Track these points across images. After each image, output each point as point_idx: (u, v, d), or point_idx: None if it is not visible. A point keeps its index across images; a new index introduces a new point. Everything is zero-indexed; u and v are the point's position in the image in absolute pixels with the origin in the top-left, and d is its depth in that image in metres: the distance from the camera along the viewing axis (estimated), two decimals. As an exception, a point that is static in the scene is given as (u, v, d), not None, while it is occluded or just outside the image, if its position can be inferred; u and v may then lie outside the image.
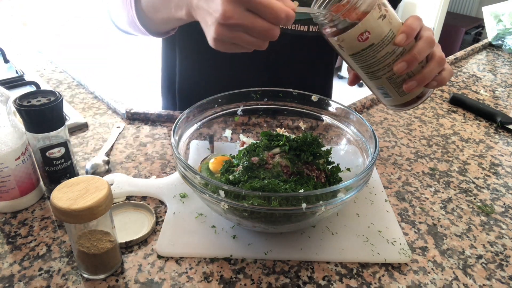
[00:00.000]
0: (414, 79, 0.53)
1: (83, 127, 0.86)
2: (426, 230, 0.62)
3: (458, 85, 1.19)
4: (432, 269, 0.56)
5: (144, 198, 0.66)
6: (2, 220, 0.60)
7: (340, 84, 3.53)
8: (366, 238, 0.59)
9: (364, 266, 0.55)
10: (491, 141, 0.89)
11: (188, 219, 0.61)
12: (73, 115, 0.88)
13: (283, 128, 0.73)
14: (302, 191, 0.53)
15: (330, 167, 0.65)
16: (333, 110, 0.70)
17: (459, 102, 1.05)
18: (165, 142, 0.82)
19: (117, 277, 0.52)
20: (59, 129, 0.60)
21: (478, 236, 0.62)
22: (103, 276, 0.52)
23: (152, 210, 0.62)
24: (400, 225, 0.63)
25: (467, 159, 0.82)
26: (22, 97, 0.57)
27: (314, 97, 0.70)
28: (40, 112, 0.56)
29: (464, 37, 3.52)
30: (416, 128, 0.93)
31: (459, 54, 1.40)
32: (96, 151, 0.78)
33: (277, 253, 0.56)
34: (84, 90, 1.03)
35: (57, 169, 0.62)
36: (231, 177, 0.58)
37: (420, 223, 0.64)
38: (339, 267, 0.55)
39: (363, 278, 0.53)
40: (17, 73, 1.08)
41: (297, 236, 0.59)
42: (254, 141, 0.66)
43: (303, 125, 0.74)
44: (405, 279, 0.54)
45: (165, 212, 0.63)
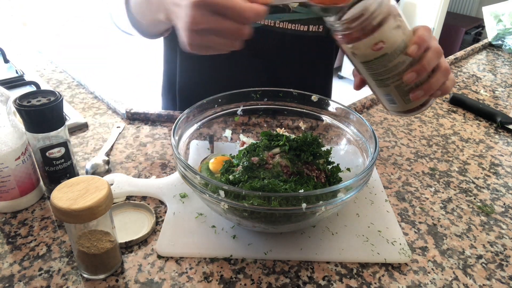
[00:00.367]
0: (421, 88, 0.53)
1: (83, 127, 0.86)
2: (426, 230, 0.62)
3: (458, 85, 1.19)
4: (432, 269, 0.56)
5: (144, 198, 0.66)
6: (2, 220, 0.60)
7: (340, 84, 3.53)
8: (366, 238, 0.59)
9: (364, 266, 0.55)
10: (491, 141, 0.89)
11: (188, 219, 0.61)
12: (73, 115, 0.88)
13: (283, 128, 0.74)
14: (302, 191, 0.53)
15: (330, 167, 0.65)
16: (333, 110, 0.70)
17: (459, 102, 1.05)
18: (165, 142, 0.82)
19: (117, 277, 0.52)
20: (59, 129, 0.60)
21: (478, 236, 0.62)
22: (103, 276, 0.52)
23: (152, 210, 0.62)
24: (400, 225, 0.63)
25: (467, 159, 0.82)
26: (22, 97, 0.58)
27: (314, 97, 0.70)
28: (40, 112, 0.56)
29: (464, 37, 3.52)
30: (416, 128, 0.93)
31: (459, 54, 1.40)
32: (96, 151, 0.78)
33: (277, 253, 0.56)
34: (84, 90, 1.03)
35: (57, 169, 0.62)
36: (231, 177, 0.58)
37: (420, 223, 0.64)
38: (339, 267, 0.55)
39: (363, 278, 0.53)
40: (17, 73, 1.08)
41: (297, 236, 0.59)
42: (254, 141, 0.66)
43: (303, 125, 0.74)
44: (405, 279, 0.54)
45: (165, 212, 0.63)
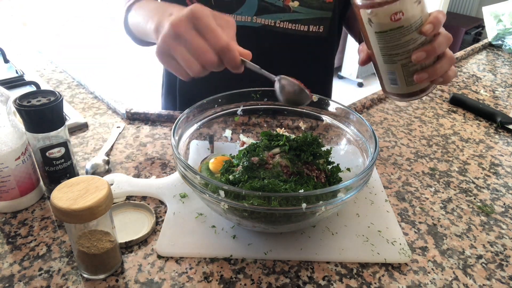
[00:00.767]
0: (426, 71, 0.54)
1: (83, 127, 0.86)
2: (426, 230, 0.62)
3: (458, 85, 1.19)
4: (432, 269, 0.56)
5: (144, 198, 0.66)
6: (2, 220, 0.60)
7: (340, 84, 3.53)
8: (366, 238, 0.59)
9: (364, 266, 0.55)
10: (491, 141, 0.89)
11: (188, 219, 0.61)
12: (73, 115, 0.88)
13: (283, 128, 0.74)
14: (302, 191, 0.53)
15: (330, 167, 0.65)
16: (333, 110, 0.70)
17: (459, 102, 1.05)
18: (165, 142, 0.82)
19: (117, 277, 0.52)
20: (59, 129, 0.60)
21: (478, 236, 0.62)
22: (103, 276, 0.52)
23: (152, 210, 0.62)
24: (400, 225, 0.63)
25: (467, 159, 0.82)
26: (22, 97, 0.58)
27: (314, 97, 0.70)
28: (40, 112, 0.56)
29: (464, 37, 3.52)
30: (416, 128, 0.93)
31: (459, 54, 1.40)
32: (96, 151, 0.78)
33: (277, 253, 0.56)
34: (84, 90, 1.03)
35: (57, 169, 0.62)
36: (231, 177, 0.58)
37: (420, 223, 0.64)
38: (339, 267, 0.55)
39: (363, 278, 0.53)
40: (17, 73, 1.08)
41: (297, 236, 0.59)
42: (254, 141, 0.66)
43: (303, 125, 0.74)
44: (405, 279, 0.54)
45: (165, 212, 0.63)
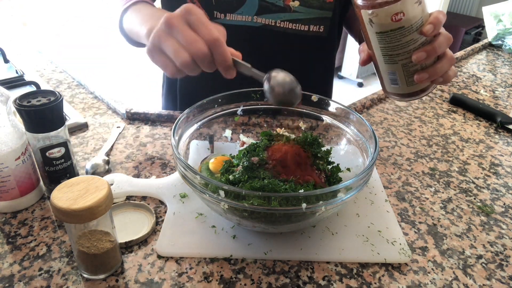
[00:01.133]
0: (427, 71, 0.54)
1: (83, 127, 0.86)
2: (426, 230, 0.62)
3: (458, 85, 1.19)
4: (432, 269, 0.56)
5: (144, 198, 0.66)
6: (2, 220, 0.60)
7: (340, 84, 3.53)
8: (366, 238, 0.59)
9: (364, 266, 0.55)
10: (491, 141, 0.89)
11: (188, 219, 0.61)
12: (73, 115, 0.88)
13: (283, 128, 0.73)
14: (302, 191, 0.53)
15: (330, 167, 0.65)
16: (333, 110, 0.70)
17: (459, 102, 1.05)
18: (165, 142, 0.82)
19: (117, 277, 0.52)
20: (59, 129, 0.60)
21: (478, 236, 0.62)
22: (103, 276, 0.52)
23: (152, 210, 0.62)
24: (400, 225, 0.63)
25: (467, 159, 0.82)
26: (22, 97, 0.57)
27: (314, 97, 0.70)
28: (40, 112, 0.56)
29: (464, 37, 3.52)
30: (416, 128, 0.93)
31: (459, 54, 1.40)
32: (96, 151, 0.78)
33: (277, 253, 0.56)
34: (84, 90, 1.03)
35: (57, 169, 0.62)
36: (231, 177, 0.58)
37: (420, 223, 0.64)
38: (339, 267, 0.55)
39: (363, 278, 0.53)
40: (17, 73, 1.08)
41: (297, 236, 0.59)
42: (254, 141, 0.66)
43: (303, 125, 0.74)
44: (405, 279, 0.54)
45: (165, 212, 0.63)
